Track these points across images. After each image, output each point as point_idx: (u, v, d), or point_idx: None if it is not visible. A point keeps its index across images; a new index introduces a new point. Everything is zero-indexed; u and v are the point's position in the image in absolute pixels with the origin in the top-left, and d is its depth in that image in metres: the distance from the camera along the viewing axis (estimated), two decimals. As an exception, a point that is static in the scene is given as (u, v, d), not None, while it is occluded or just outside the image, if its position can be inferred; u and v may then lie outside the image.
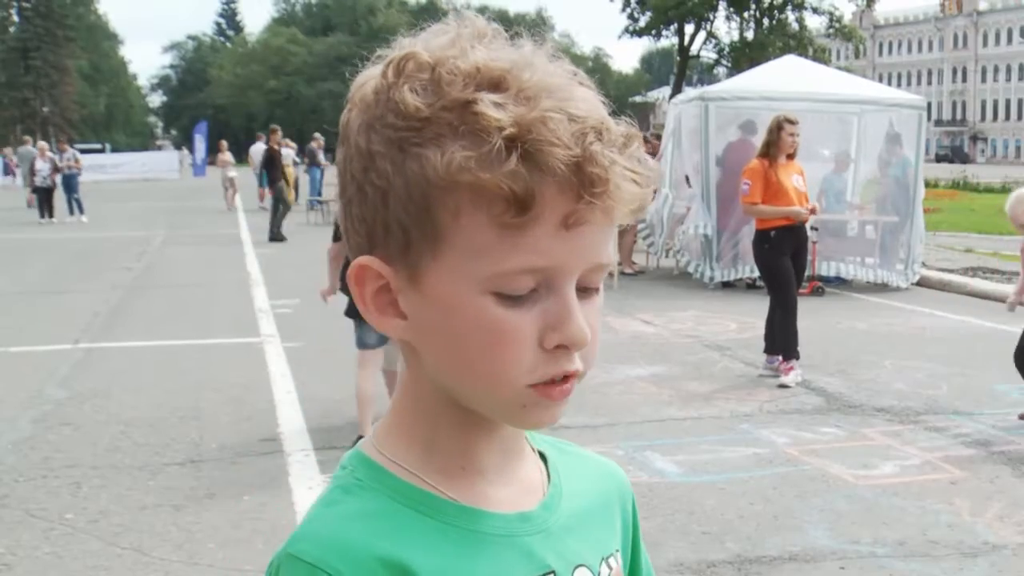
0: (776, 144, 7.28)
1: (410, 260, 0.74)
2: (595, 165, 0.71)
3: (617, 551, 0.89)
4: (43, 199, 22.87)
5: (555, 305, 0.74)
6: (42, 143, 26.38)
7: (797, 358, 7.11)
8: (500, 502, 0.81)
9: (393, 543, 0.75)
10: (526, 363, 0.74)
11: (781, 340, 7.19)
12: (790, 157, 7.36)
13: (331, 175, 26.98)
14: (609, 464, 0.95)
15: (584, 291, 0.77)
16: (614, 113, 0.78)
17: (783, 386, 6.91)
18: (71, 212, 22.86)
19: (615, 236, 0.79)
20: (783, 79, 12.05)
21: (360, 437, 5.56)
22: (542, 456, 0.88)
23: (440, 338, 0.76)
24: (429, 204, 0.72)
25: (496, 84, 0.72)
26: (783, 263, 7.22)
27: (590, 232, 0.74)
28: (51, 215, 22.55)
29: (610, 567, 0.87)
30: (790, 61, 14.17)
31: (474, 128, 0.70)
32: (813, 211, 7.39)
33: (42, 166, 22.99)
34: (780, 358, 7.18)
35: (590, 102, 0.75)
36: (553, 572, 0.81)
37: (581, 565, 0.84)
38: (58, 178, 22.96)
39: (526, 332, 0.73)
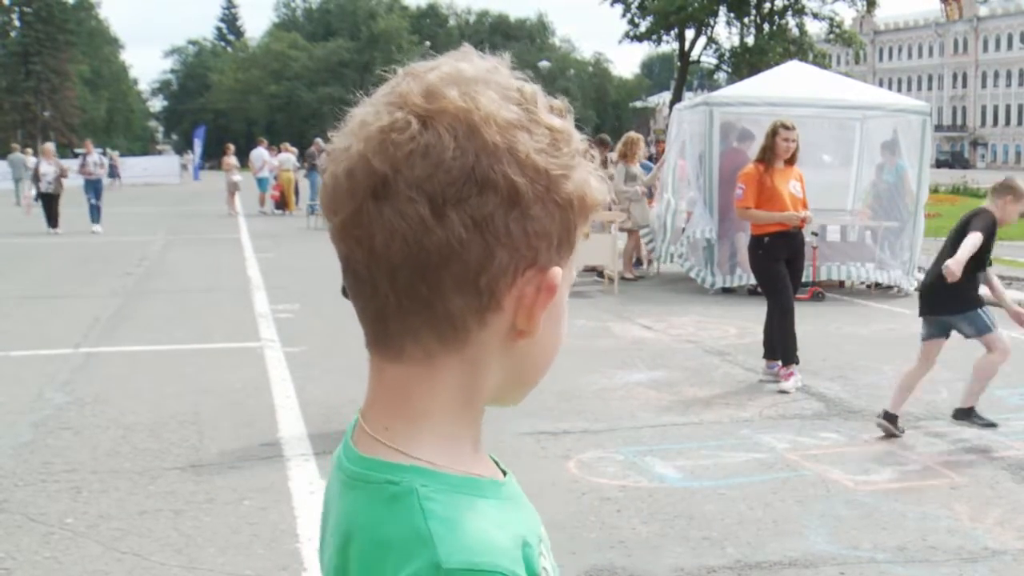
0: (772, 149, 7.29)
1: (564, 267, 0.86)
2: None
3: None
4: (48, 207, 20.37)
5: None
6: (47, 144, 23.09)
7: (797, 363, 7.11)
8: (494, 471, 0.89)
9: (509, 529, 0.81)
10: None
11: (781, 345, 7.19)
12: (789, 163, 7.36)
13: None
14: None
15: None
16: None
17: (783, 391, 6.91)
18: (96, 220, 20.42)
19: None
20: (787, 85, 12.06)
21: (888, 414, 5.78)
22: None
23: (550, 333, 0.86)
24: (580, 217, 0.84)
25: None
26: (777, 268, 7.22)
27: None
28: (55, 224, 20.22)
29: None
30: (794, 67, 14.19)
31: (583, 156, 0.85)
32: (805, 220, 7.36)
33: (47, 169, 20.37)
34: (780, 363, 7.18)
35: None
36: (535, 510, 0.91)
37: None
38: (62, 183, 20.48)
39: None
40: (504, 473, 0.90)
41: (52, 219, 20.31)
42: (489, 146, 0.78)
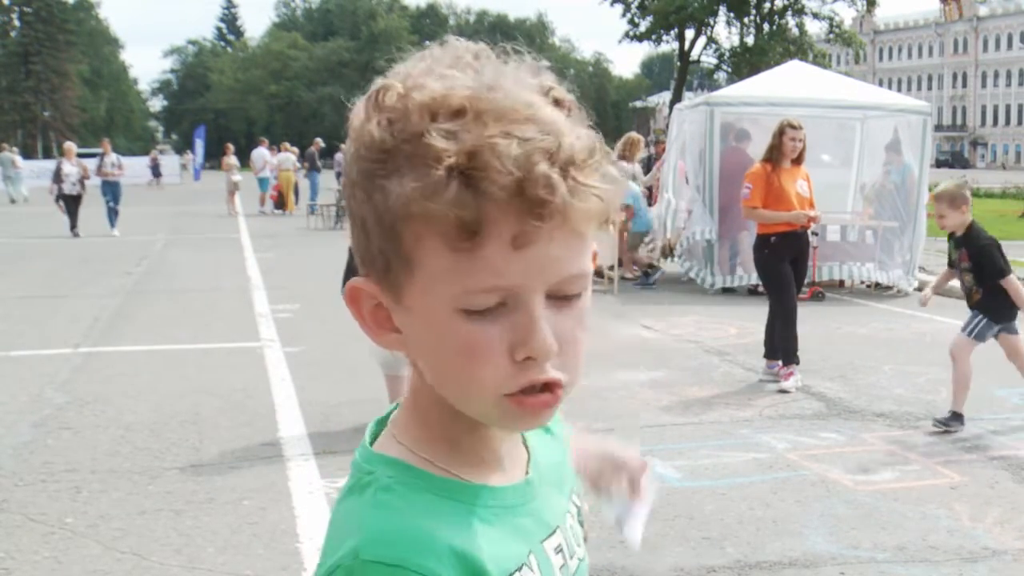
0: (779, 148, 7.28)
1: (391, 280, 0.79)
2: (538, 187, 0.73)
3: (575, 483, 0.99)
4: (71, 208, 19.46)
5: (521, 319, 0.77)
6: (69, 144, 21.60)
7: (797, 363, 7.11)
8: (506, 479, 0.88)
9: (450, 530, 0.80)
10: (500, 375, 0.78)
11: (781, 345, 7.19)
12: (796, 162, 7.35)
13: (330, 179, 27.03)
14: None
15: (562, 299, 0.79)
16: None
17: (783, 391, 6.90)
18: (112, 224, 19.75)
19: (590, 244, 0.81)
20: (788, 84, 12.06)
21: (955, 414, 5.91)
22: None
23: (424, 351, 0.82)
24: (396, 231, 0.76)
25: (455, 112, 0.75)
26: (782, 268, 7.22)
27: (545, 248, 0.76)
28: (75, 226, 19.33)
29: (578, 497, 0.97)
30: (794, 67, 14.18)
31: (424, 159, 0.74)
32: (812, 220, 7.36)
33: (70, 170, 19.51)
34: (780, 363, 7.18)
35: (548, 123, 0.76)
36: (558, 527, 0.90)
37: (567, 512, 0.93)
38: (86, 184, 19.64)
39: (495, 345, 0.77)
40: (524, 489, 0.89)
41: (74, 221, 19.45)
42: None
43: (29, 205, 29.62)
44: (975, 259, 6.08)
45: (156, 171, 44.41)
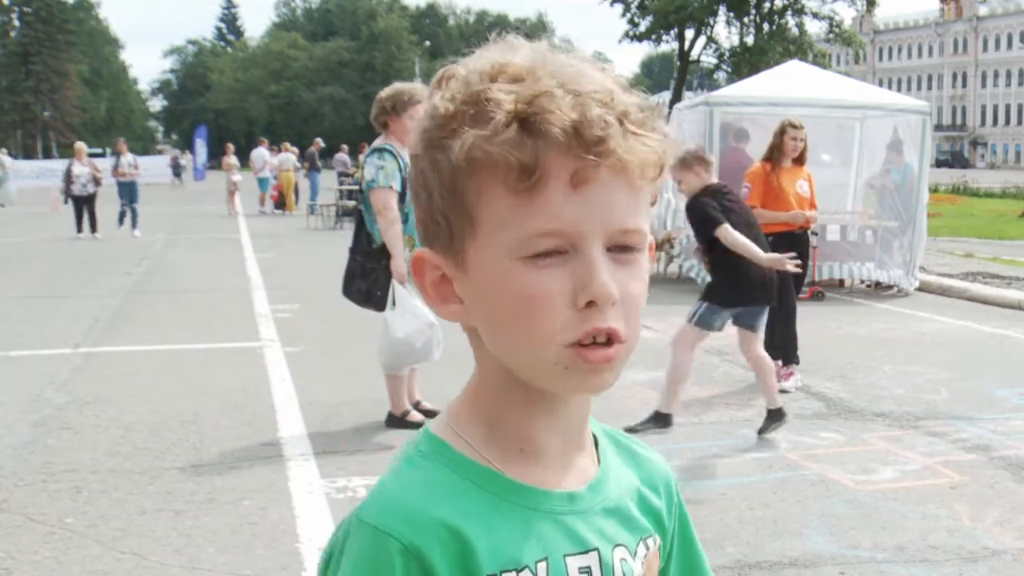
0: (780, 148, 7.27)
1: (455, 246, 0.82)
2: (594, 127, 0.78)
3: (655, 534, 0.94)
4: (82, 210, 19.05)
5: (581, 264, 0.79)
6: (80, 144, 20.98)
7: (797, 363, 7.11)
8: (551, 483, 0.87)
9: (451, 510, 0.82)
10: (559, 322, 0.79)
11: (781, 345, 7.19)
12: (797, 162, 7.34)
13: (330, 180, 27.02)
14: (655, 455, 1.01)
15: (622, 250, 0.81)
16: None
17: (783, 391, 6.89)
18: (133, 225, 19.54)
19: (647, 203, 0.84)
20: (788, 84, 12.06)
21: (659, 415, 5.49)
22: (595, 439, 0.95)
23: (486, 312, 0.83)
24: (457, 188, 0.80)
25: (514, 77, 0.80)
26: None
27: (603, 192, 0.79)
28: (95, 229, 18.94)
29: (647, 547, 0.93)
30: (794, 67, 14.18)
31: (484, 112, 0.78)
32: (811, 220, 7.35)
33: (81, 171, 19.07)
34: (780, 363, 7.17)
35: (600, 80, 0.82)
36: (596, 550, 0.87)
37: (620, 545, 0.89)
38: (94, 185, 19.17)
39: (555, 292, 0.79)
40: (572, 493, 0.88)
41: (81, 222, 19.06)
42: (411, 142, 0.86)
43: (29, 205, 29.57)
44: (691, 221, 5.64)
45: (177, 171, 44.65)
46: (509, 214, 0.78)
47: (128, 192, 19.70)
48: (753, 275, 5.45)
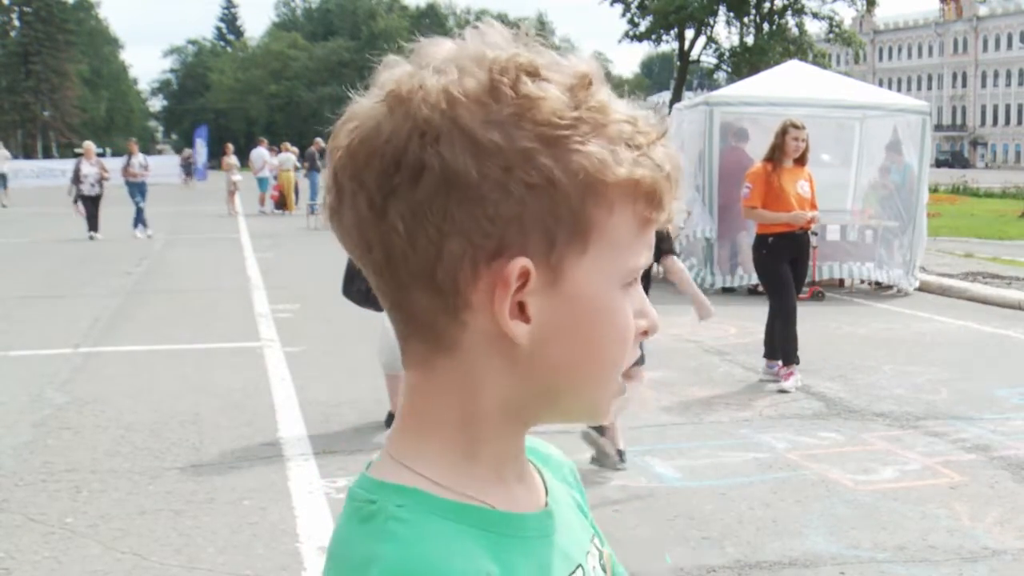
0: (781, 148, 7.26)
1: (552, 260, 0.73)
2: (680, 170, 0.78)
3: (592, 529, 0.90)
4: (91, 211, 18.79)
5: (637, 295, 0.80)
6: (88, 144, 20.43)
7: (797, 363, 7.10)
8: (526, 504, 0.81)
9: (475, 561, 0.73)
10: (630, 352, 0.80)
11: (781, 345, 7.19)
12: (799, 162, 7.33)
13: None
14: (553, 447, 0.94)
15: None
16: None
17: (783, 391, 6.90)
18: (145, 226, 19.35)
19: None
20: (787, 84, 12.07)
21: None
22: None
23: (572, 336, 0.75)
24: (587, 199, 0.72)
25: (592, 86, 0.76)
26: (781, 268, 7.21)
27: None
28: (95, 228, 18.78)
29: (600, 541, 0.90)
30: (794, 67, 14.19)
31: (621, 130, 0.74)
32: (812, 221, 7.35)
33: (89, 171, 18.79)
34: (780, 363, 7.18)
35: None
36: (580, 567, 0.82)
37: (587, 551, 0.85)
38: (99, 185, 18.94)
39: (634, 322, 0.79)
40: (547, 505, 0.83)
41: (94, 223, 18.83)
42: (422, 125, 0.71)
43: (28, 205, 29.57)
44: None
45: (188, 170, 44.42)
46: (630, 240, 0.75)
47: (139, 191, 19.64)
48: None
